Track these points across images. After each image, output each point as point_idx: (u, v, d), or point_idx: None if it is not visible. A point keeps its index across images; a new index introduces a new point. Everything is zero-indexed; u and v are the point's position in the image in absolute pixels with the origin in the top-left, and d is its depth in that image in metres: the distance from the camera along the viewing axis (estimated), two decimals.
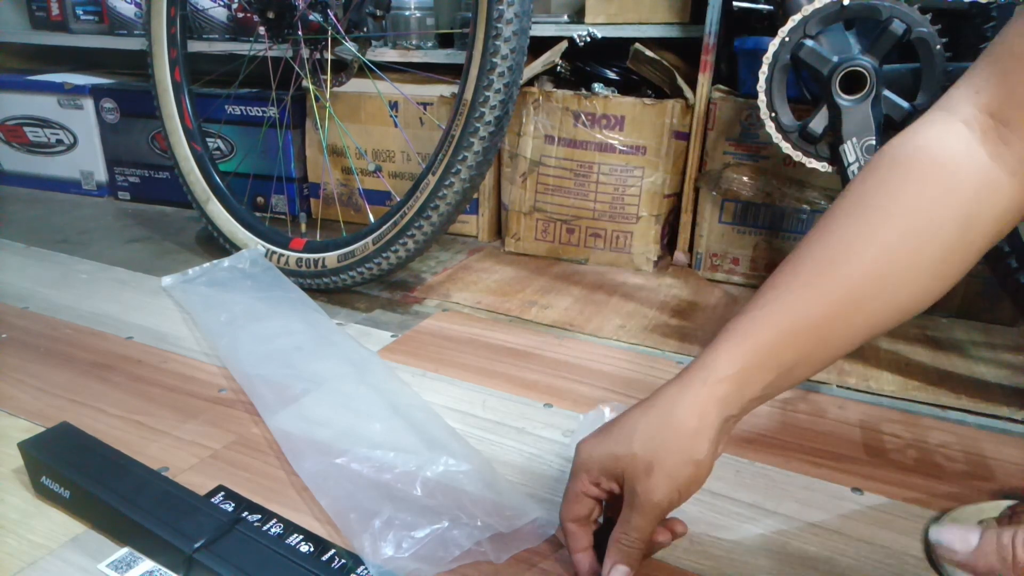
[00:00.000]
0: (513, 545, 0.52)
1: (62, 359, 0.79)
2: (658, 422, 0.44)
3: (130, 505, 0.51)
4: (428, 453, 0.59)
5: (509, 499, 0.55)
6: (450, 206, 0.91)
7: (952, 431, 0.70)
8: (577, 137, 1.12)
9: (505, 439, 0.66)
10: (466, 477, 0.56)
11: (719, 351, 0.45)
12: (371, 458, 0.58)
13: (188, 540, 0.48)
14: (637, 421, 0.45)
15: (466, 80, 0.87)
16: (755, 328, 0.44)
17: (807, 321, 0.44)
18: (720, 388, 0.43)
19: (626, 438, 0.45)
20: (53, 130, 1.54)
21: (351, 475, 0.57)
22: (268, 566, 0.48)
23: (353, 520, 0.52)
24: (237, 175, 1.30)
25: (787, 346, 0.44)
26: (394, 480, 0.56)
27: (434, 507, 0.53)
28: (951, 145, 0.45)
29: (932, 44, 0.75)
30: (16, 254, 1.16)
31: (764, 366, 0.44)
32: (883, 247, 0.44)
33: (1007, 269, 0.76)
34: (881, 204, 0.45)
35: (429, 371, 0.79)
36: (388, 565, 0.49)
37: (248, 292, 0.94)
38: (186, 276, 1.00)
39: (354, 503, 0.54)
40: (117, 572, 0.49)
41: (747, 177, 1.06)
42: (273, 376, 0.72)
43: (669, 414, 0.44)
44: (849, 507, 0.58)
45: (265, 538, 0.50)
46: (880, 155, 0.47)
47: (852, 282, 0.44)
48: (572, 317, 0.96)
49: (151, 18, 1.14)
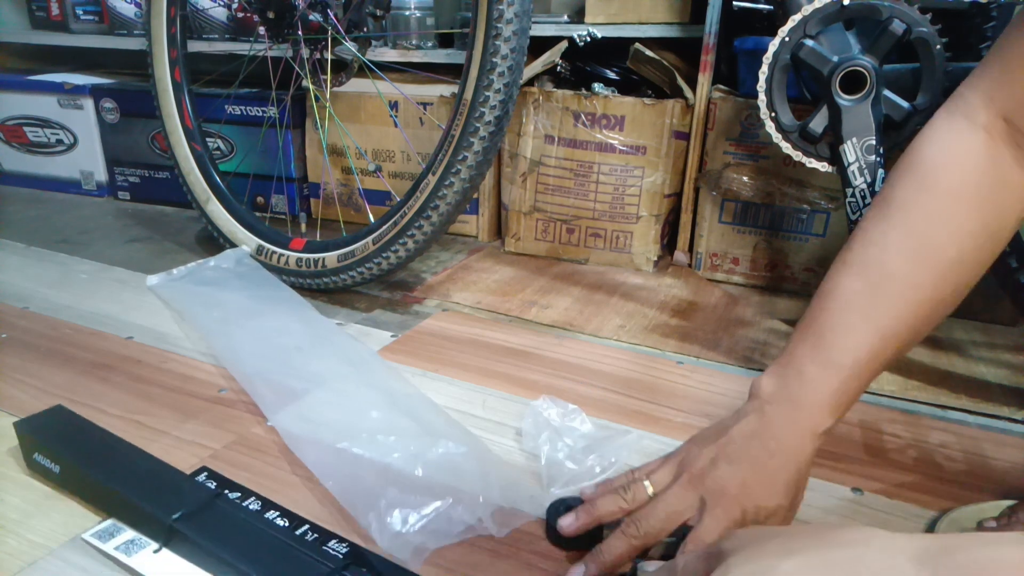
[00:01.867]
0: (513, 520, 0.54)
1: (62, 359, 0.79)
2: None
3: (115, 478, 0.53)
4: (427, 438, 0.60)
5: (507, 478, 0.58)
6: (450, 206, 0.91)
7: (952, 431, 0.70)
8: (577, 137, 1.12)
9: (505, 439, 0.66)
10: (464, 459, 0.58)
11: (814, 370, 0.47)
12: (372, 443, 0.59)
13: (168, 511, 0.50)
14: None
15: (466, 80, 0.87)
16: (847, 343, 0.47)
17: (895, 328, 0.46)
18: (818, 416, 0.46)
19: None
20: (53, 130, 1.54)
21: (353, 460, 0.58)
22: (244, 536, 0.50)
23: (359, 501, 0.54)
24: (237, 175, 1.29)
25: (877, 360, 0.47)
26: (396, 463, 0.57)
27: (436, 487, 0.55)
28: (974, 152, 0.46)
29: (932, 44, 0.75)
30: (16, 254, 1.16)
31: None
32: (907, 253, 0.46)
33: (1007, 269, 0.76)
34: (909, 214, 0.47)
35: (429, 371, 0.79)
36: (395, 541, 0.50)
37: (239, 291, 0.95)
38: (172, 275, 1.01)
39: (359, 485, 0.56)
40: (100, 540, 0.51)
41: (747, 177, 1.06)
42: (273, 375, 0.72)
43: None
44: (849, 507, 0.58)
45: (243, 512, 0.53)
46: (906, 164, 0.48)
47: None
48: (572, 317, 0.96)
49: (151, 18, 1.14)
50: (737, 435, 0.47)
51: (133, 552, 0.49)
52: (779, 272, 1.09)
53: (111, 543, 0.50)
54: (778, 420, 0.47)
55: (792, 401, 0.47)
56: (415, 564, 0.49)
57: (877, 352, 0.46)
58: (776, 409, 0.47)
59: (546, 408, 0.65)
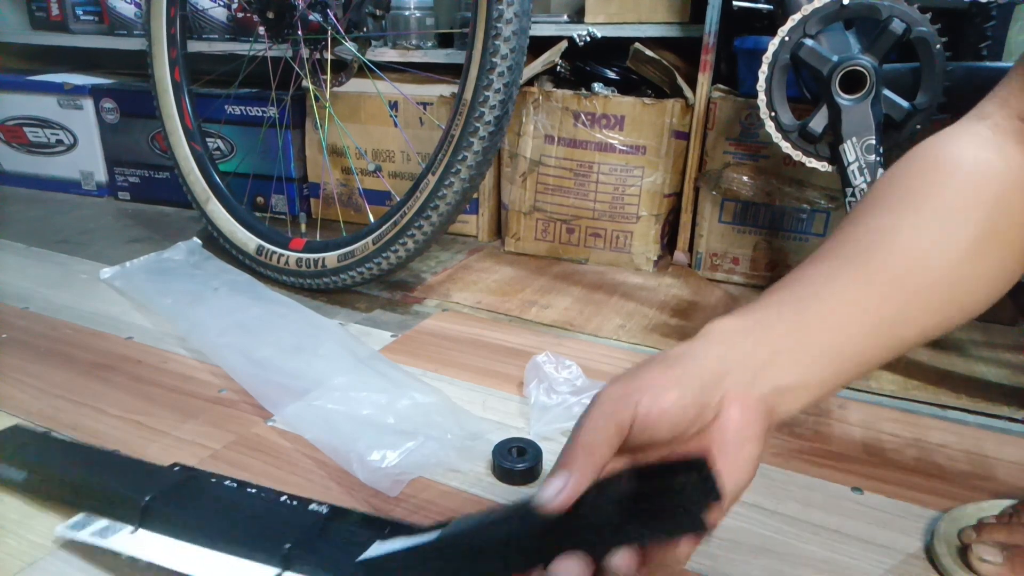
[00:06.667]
0: (476, 458, 0.62)
1: (62, 359, 0.79)
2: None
3: (83, 471, 0.53)
4: (396, 390, 0.68)
5: (469, 422, 0.67)
6: (450, 206, 0.91)
7: (952, 431, 0.70)
8: (577, 137, 1.12)
9: (505, 438, 0.66)
10: (432, 407, 0.67)
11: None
12: (345, 399, 0.67)
13: (141, 492, 0.50)
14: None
15: (466, 80, 0.87)
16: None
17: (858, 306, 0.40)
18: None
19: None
20: (53, 130, 1.54)
21: (328, 414, 0.65)
22: (222, 506, 0.50)
23: (339, 445, 0.61)
24: (237, 175, 1.30)
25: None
26: (369, 414, 0.65)
27: (408, 429, 0.63)
28: (976, 146, 0.45)
29: (932, 43, 0.75)
30: (16, 254, 1.16)
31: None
32: (906, 248, 0.42)
33: None
34: (906, 204, 0.44)
35: (429, 371, 0.79)
36: (375, 474, 0.57)
37: (197, 279, 1.00)
38: (125, 268, 1.05)
39: (337, 433, 0.62)
40: (74, 531, 0.50)
41: (747, 177, 1.06)
42: (239, 344, 0.78)
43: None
44: (849, 507, 0.58)
45: (219, 488, 0.52)
46: (906, 157, 0.46)
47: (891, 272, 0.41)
48: (572, 317, 0.96)
49: (151, 18, 1.14)
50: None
51: (109, 535, 0.49)
52: (779, 272, 1.09)
53: (85, 531, 0.50)
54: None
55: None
56: (394, 491, 0.56)
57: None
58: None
59: (546, 363, 0.72)
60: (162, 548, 0.47)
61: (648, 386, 0.36)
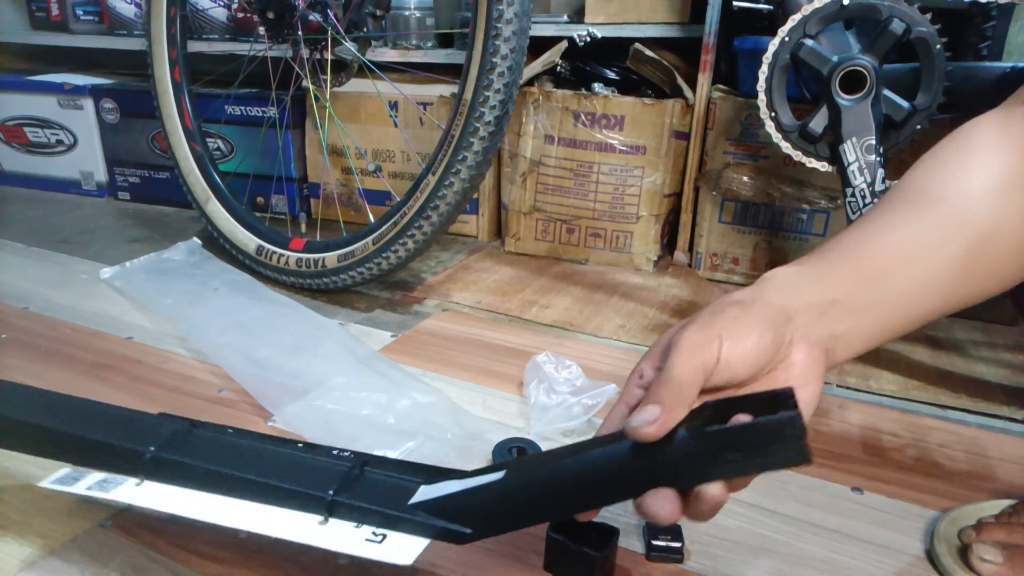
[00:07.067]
0: (476, 458, 0.61)
1: (62, 359, 0.79)
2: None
3: (78, 424, 0.48)
4: (396, 390, 0.69)
5: (469, 422, 0.67)
6: (450, 206, 0.91)
7: (952, 431, 0.70)
8: (577, 137, 1.12)
9: (505, 438, 0.66)
10: (432, 407, 0.67)
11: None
12: (346, 399, 0.66)
13: (144, 444, 0.46)
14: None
15: (466, 80, 0.87)
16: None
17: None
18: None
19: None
20: (53, 130, 1.54)
21: (328, 414, 0.65)
22: (240, 452, 0.45)
23: (338, 445, 0.58)
24: (237, 175, 1.29)
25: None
26: (369, 414, 0.65)
27: (408, 429, 0.63)
28: (996, 128, 0.45)
29: (932, 44, 0.75)
30: (16, 254, 1.16)
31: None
32: (909, 231, 0.43)
33: None
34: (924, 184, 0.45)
35: (429, 371, 0.79)
36: None
37: (197, 279, 1.00)
38: (125, 268, 1.04)
39: (337, 433, 0.62)
40: (64, 485, 0.47)
41: (747, 177, 1.06)
42: (239, 344, 0.78)
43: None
44: (849, 507, 0.58)
45: (228, 435, 0.49)
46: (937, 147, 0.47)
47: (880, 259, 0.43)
48: (572, 317, 0.96)
49: (151, 18, 1.14)
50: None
51: (111, 488, 0.45)
52: None
53: (79, 485, 0.46)
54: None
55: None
56: None
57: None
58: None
59: (546, 363, 0.72)
60: (184, 499, 0.44)
61: (729, 330, 0.38)
